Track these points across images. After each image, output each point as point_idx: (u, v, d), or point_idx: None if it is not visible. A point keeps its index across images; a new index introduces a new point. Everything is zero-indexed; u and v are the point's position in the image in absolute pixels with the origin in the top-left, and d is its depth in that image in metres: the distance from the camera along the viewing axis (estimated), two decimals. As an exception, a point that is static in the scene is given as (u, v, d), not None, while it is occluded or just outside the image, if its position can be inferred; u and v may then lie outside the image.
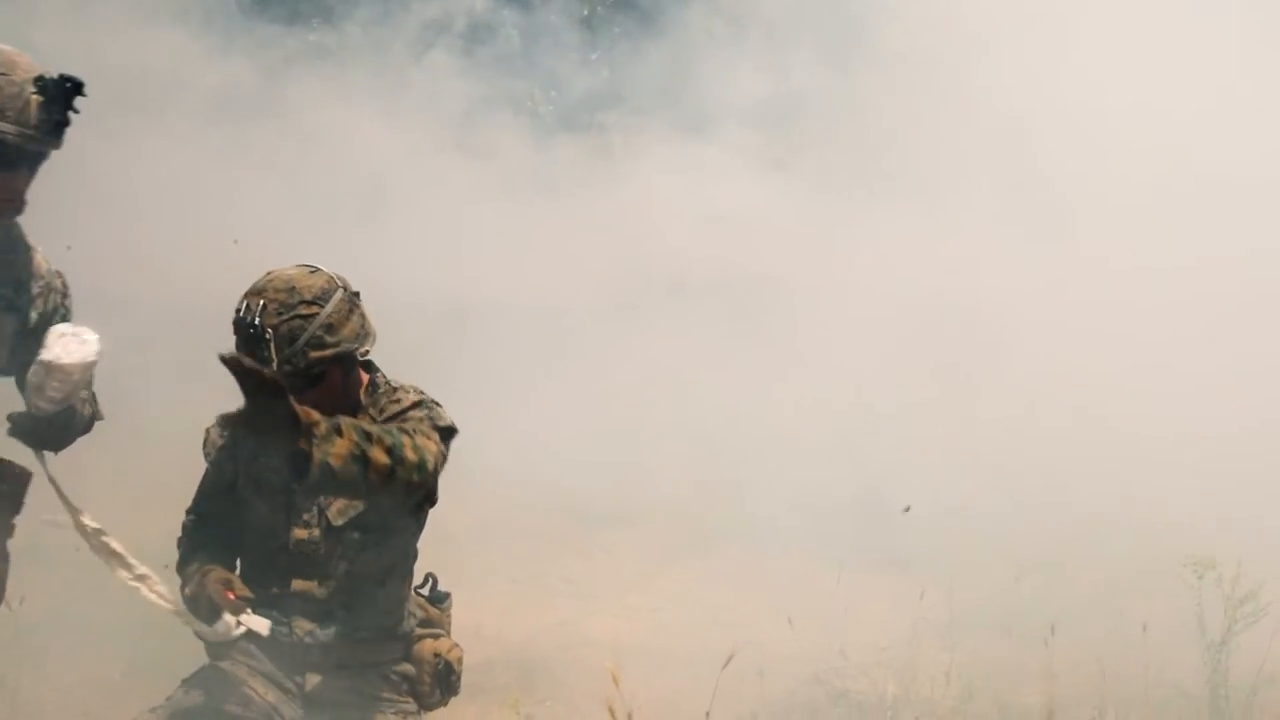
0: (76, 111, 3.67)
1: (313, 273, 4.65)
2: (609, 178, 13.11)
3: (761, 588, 7.60)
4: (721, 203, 12.72)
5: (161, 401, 7.56)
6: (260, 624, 4.28)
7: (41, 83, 3.65)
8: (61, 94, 3.66)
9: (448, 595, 4.96)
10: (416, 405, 4.83)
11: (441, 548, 5.86)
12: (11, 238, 3.90)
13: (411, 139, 12.91)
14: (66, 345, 3.92)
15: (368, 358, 4.64)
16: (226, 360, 3.47)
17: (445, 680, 4.79)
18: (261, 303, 4.65)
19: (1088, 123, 11.37)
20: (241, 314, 4.66)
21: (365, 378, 4.64)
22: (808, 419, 9.16)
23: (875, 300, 10.35)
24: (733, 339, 10.31)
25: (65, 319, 4.01)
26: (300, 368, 4.62)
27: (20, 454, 4.04)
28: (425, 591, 4.93)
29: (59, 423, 4.05)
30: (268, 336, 4.58)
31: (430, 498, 4.26)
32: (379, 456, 3.85)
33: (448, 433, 4.50)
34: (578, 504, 8.47)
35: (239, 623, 4.24)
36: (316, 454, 3.61)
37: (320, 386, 4.64)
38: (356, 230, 11.67)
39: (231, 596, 4.30)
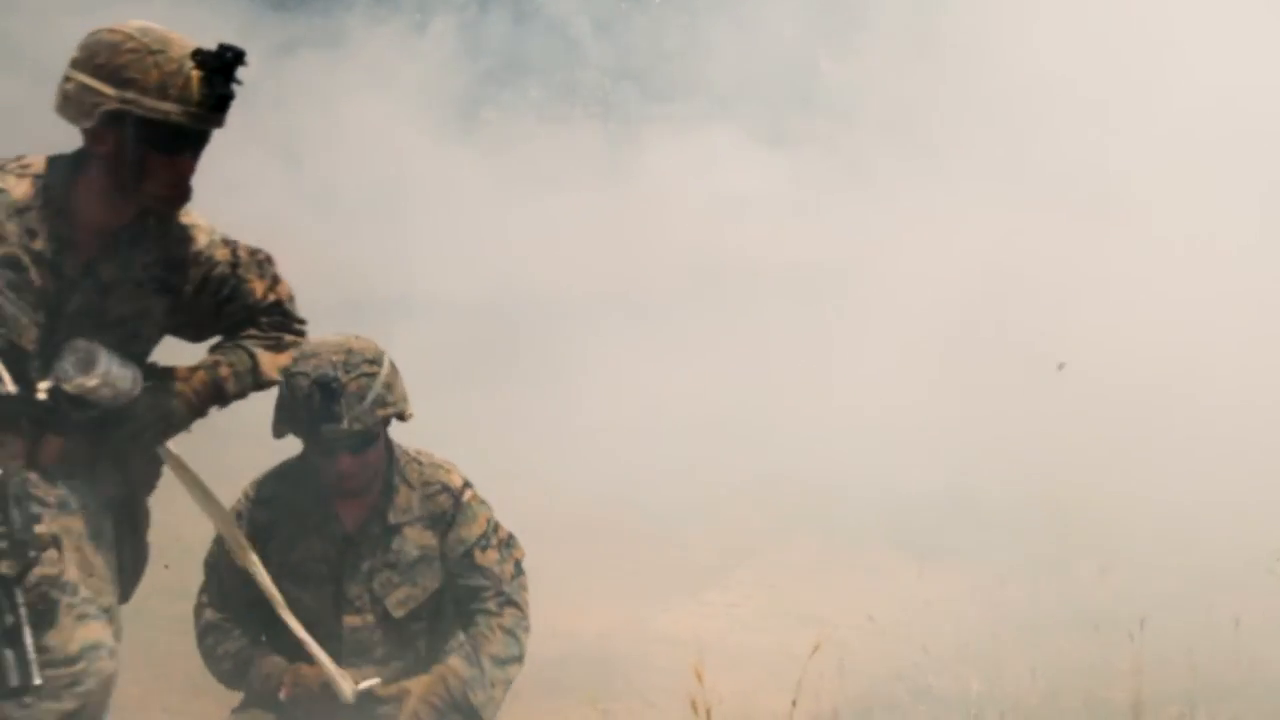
0: (240, 83, 3.50)
1: (356, 338, 4.80)
2: (629, 167, 13.09)
3: (841, 583, 7.55)
4: (750, 188, 12.71)
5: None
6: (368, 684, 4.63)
7: (200, 56, 3.47)
8: (223, 66, 3.47)
9: None
10: (495, 540, 4.97)
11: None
12: (165, 219, 3.76)
13: (420, 129, 12.93)
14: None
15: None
16: None
17: None
18: (332, 360, 4.72)
19: (1132, 96, 11.20)
20: (311, 374, 4.71)
21: None
22: (887, 410, 9.09)
23: (941, 283, 10.26)
24: (801, 328, 10.27)
25: (235, 291, 3.90)
26: (368, 425, 4.71)
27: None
28: None
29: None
30: (343, 393, 4.69)
31: None
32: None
33: (519, 566, 4.98)
34: (653, 500, 8.43)
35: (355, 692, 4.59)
36: None
37: (374, 447, 4.76)
38: (370, 226, 11.73)
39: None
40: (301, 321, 4.08)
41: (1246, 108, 10.61)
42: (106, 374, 3.61)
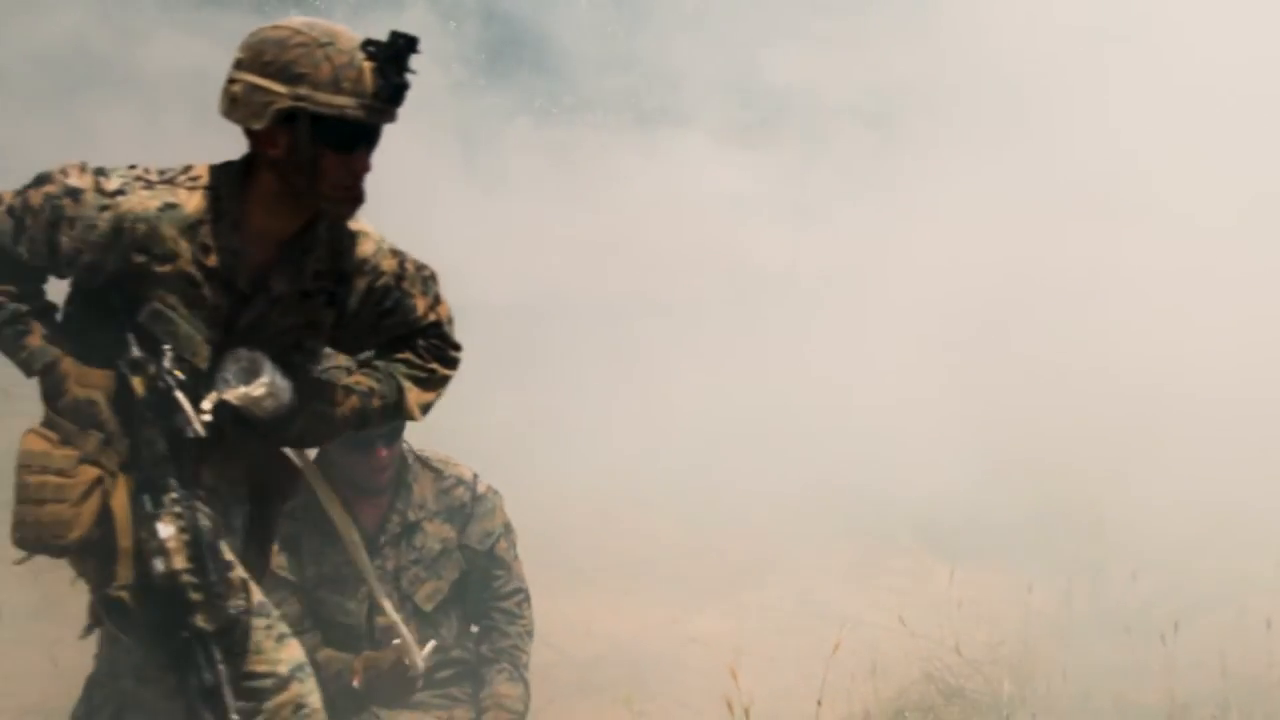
0: (414, 73, 3.33)
1: None
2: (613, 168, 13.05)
3: (874, 585, 7.57)
4: (741, 188, 12.67)
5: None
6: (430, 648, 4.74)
7: (371, 46, 3.31)
8: (396, 55, 3.30)
9: None
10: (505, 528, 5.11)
11: (551, 546, 5.92)
12: (336, 226, 3.63)
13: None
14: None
15: None
16: None
17: None
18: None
19: (1133, 88, 11.13)
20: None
21: None
22: (918, 414, 9.10)
23: (961, 283, 10.24)
24: (824, 330, 10.27)
25: (397, 305, 3.74)
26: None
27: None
28: None
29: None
30: None
31: None
32: None
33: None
34: (688, 503, 8.47)
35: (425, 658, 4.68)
36: None
37: (400, 439, 4.90)
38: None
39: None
40: (457, 348, 3.90)
41: (1251, 94, 10.56)
42: (271, 383, 3.51)
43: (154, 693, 3.49)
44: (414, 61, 3.31)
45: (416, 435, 4.85)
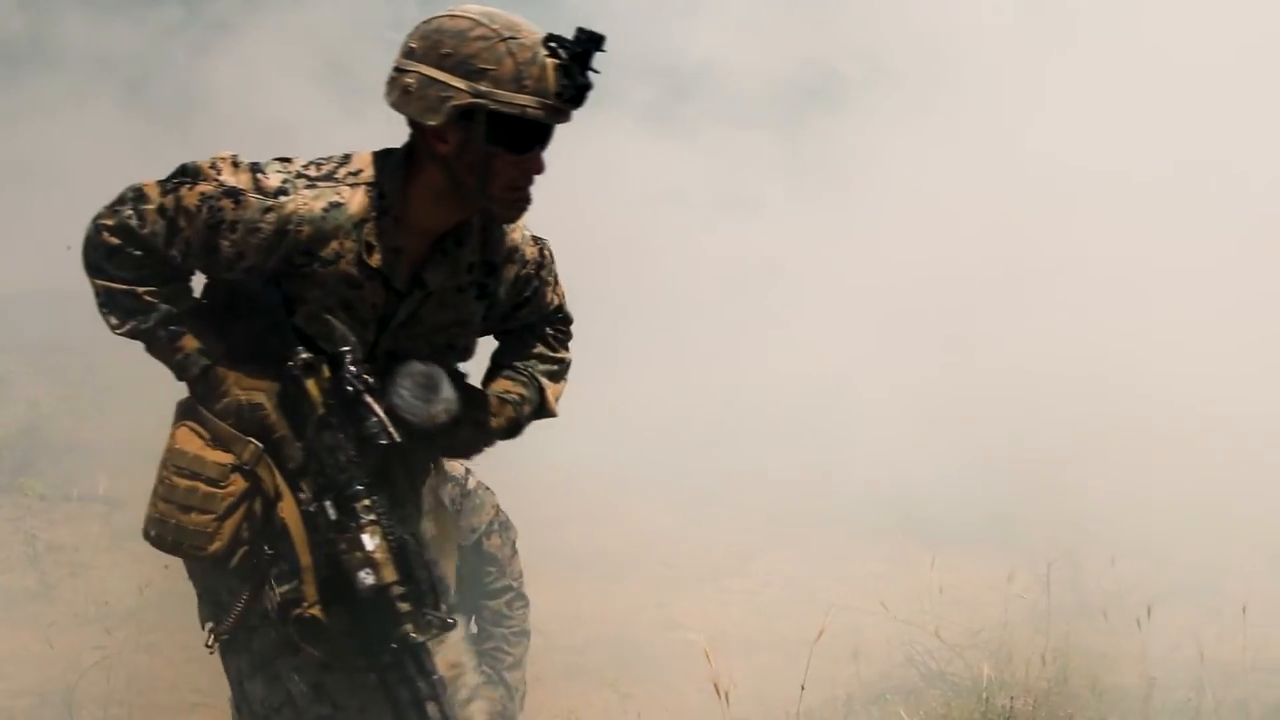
0: (597, 72, 3.09)
1: None
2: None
3: (856, 570, 7.64)
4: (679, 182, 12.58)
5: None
6: None
7: (555, 42, 3.07)
8: (581, 53, 3.06)
9: None
10: (497, 524, 5.17)
11: (539, 534, 5.98)
12: (487, 215, 3.38)
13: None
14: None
15: None
16: None
17: None
18: None
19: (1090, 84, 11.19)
20: None
21: None
22: (901, 402, 9.17)
23: (937, 274, 10.29)
24: (800, 321, 10.30)
25: (535, 294, 3.54)
26: None
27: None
28: None
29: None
30: None
31: None
32: None
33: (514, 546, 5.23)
34: (674, 491, 8.53)
35: None
36: None
37: None
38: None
39: None
40: (570, 323, 3.71)
41: (1216, 84, 10.64)
42: (449, 400, 3.34)
43: (340, 683, 3.29)
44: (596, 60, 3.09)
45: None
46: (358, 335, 3.22)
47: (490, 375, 3.63)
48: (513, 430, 3.56)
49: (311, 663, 3.24)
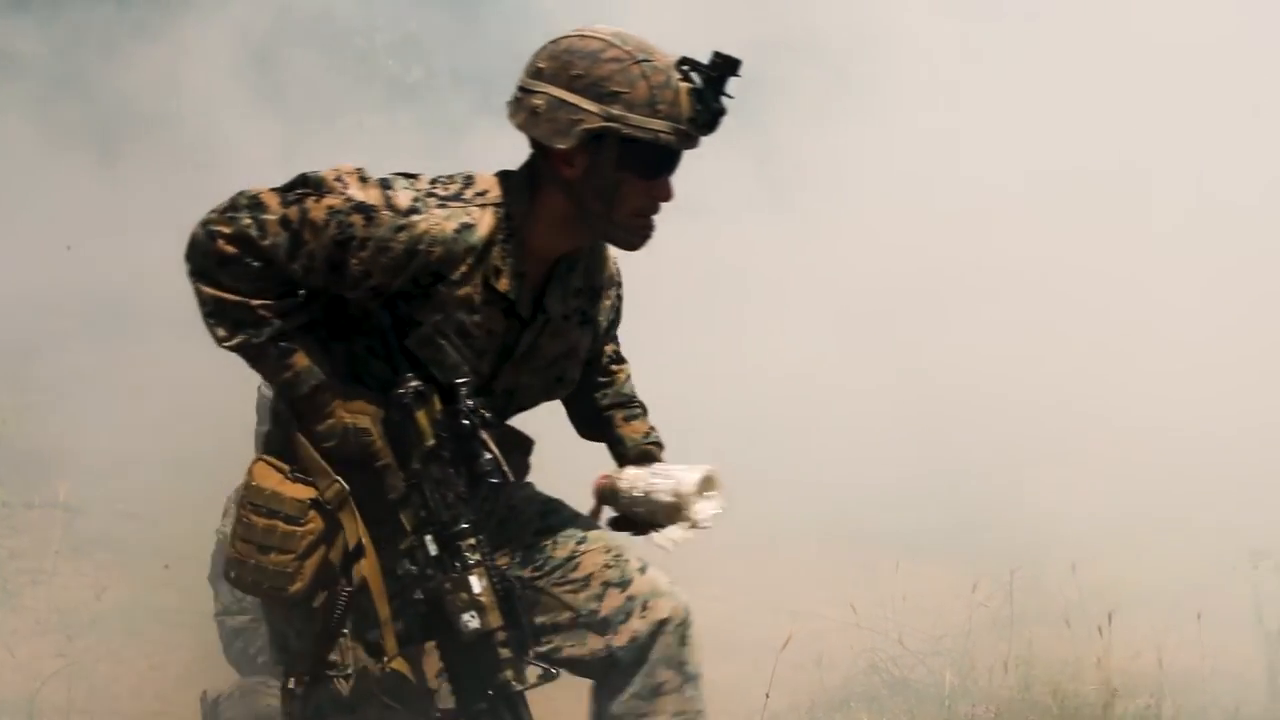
0: (731, 97, 3.02)
1: None
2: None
3: (821, 577, 7.66)
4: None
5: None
6: None
7: (689, 65, 3.02)
8: (716, 77, 2.99)
9: None
10: None
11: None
12: (595, 244, 3.32)
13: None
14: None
15: None
16: None
17: None
18: None
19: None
20: None
21: None
22: (867, 408, 9.20)
23: (898, 280, 10.33)
24: (762, 325, 10.32)
25: (614, 321, 3.49)
26: None
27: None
28: None
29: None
30: None
31: None
32: None
33: None
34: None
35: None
36: None
37: None
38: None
39: None
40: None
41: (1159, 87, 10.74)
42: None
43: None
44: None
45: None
46: (471, 365, 3.11)
47: (607, 414, 3.57)
48: None
49: None
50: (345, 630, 3.10)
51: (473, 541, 3.04)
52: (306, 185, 3.05)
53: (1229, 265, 10.16)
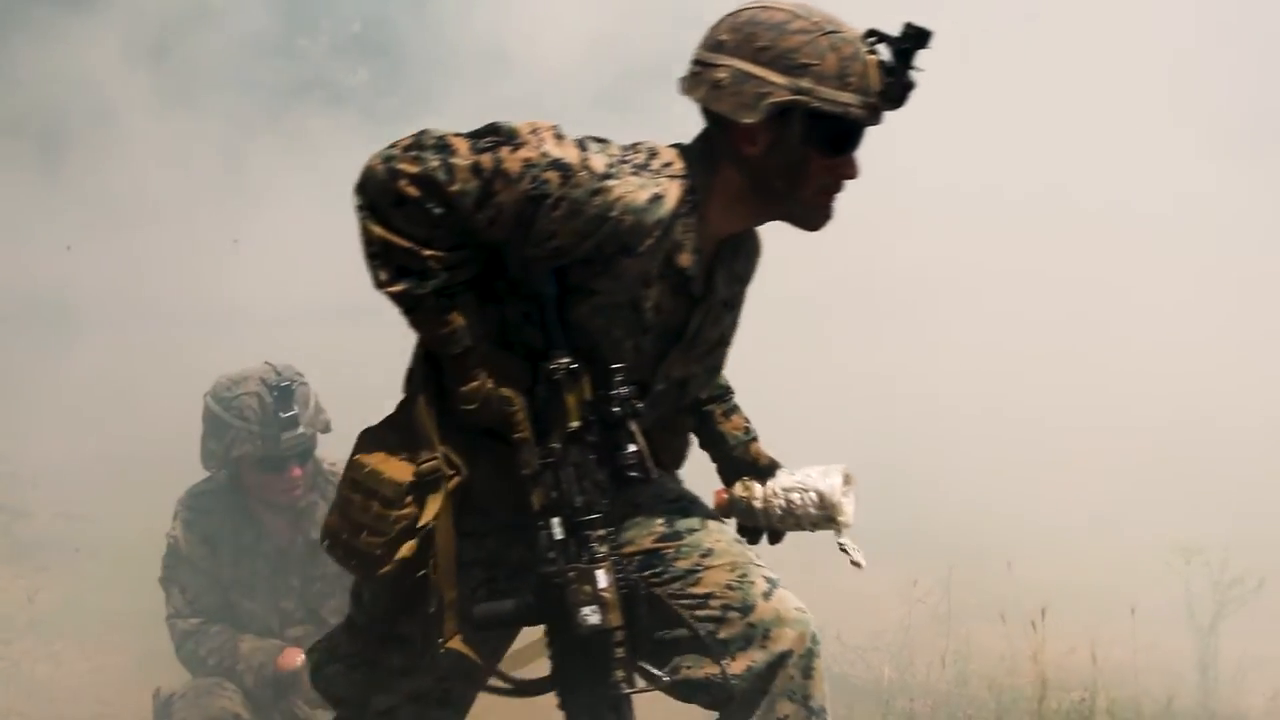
0: (920, 70, 2.86)
1: (264, 363, 4.92)
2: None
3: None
4: None
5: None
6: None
7: (878, 37, 2.87)
8: (907, 50, 2.84)
9: None
10: None
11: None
12: (748, 232, 3.17)
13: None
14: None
15: None
16: None
17: None
18: (266, 377, 4.87)
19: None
20: (260, 390, 4.83)
21: None
22: (808, 404, 9.25)
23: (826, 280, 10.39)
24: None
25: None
26: (317, 430, 4.96)
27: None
28: None
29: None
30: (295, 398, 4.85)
31: None
32: None
33: None
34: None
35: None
36: None
37: (313, 458, 4.99)
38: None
39: None
40: None
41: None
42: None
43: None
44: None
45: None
46: (636, 342, 2.95)
47: (706, 408, 3.39)
48: None
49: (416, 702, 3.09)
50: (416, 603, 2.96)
51: (603, 533, 2.86)
52: (499, 134, 2.87)
53: (1163, 266, 10.29)
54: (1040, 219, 10.88)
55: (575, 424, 2.86)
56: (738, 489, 3.30)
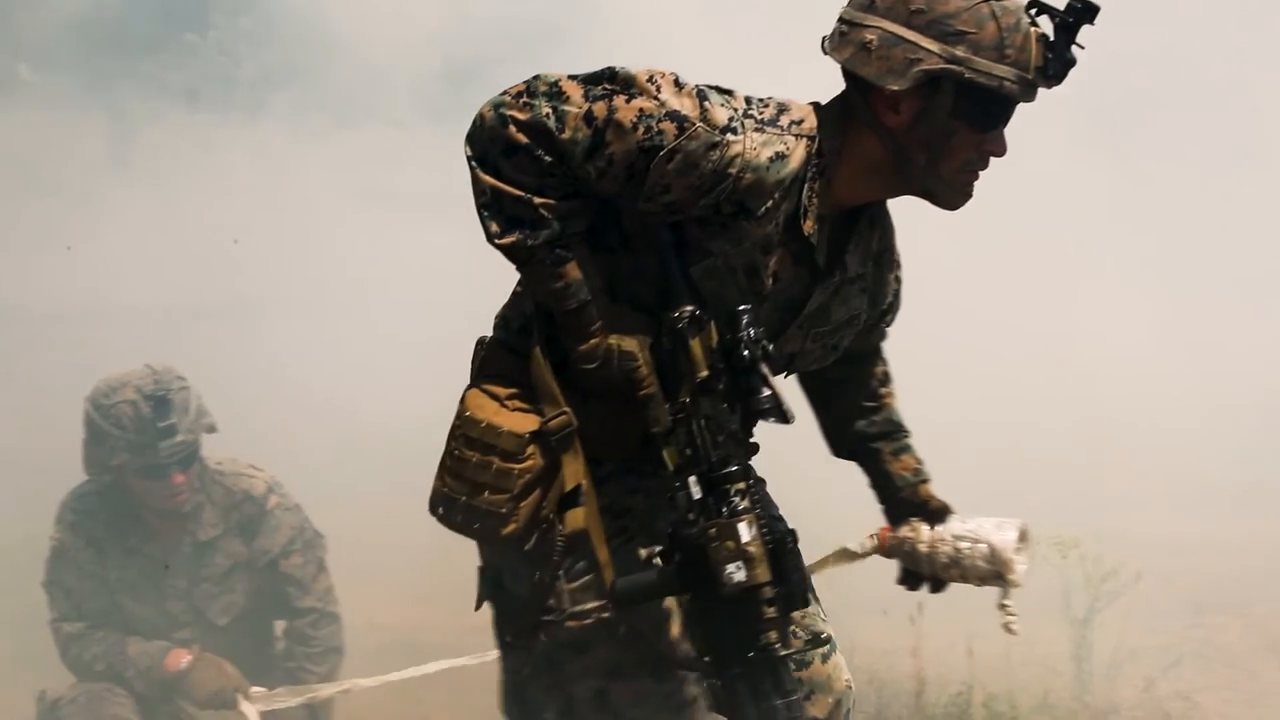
0: (1082, 47, 2.74)
1: (145, 365, 4.99)
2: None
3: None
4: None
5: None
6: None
7: (1040, 9, 2.76)
8: (1071, 24, 2.70)
9: None
10: (300, 543, 5.25)
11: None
12: (883, 208, 3.04)
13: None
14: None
15: None
16: None
17: None
18: (143, 384, 4.93)
19: None
20: (137, 397, 4.89)
21: None
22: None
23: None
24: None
25: (892, 309, 3.22)
26: (198, 435, 4.91)
27: None
28: None
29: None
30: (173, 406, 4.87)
31: None
32: None
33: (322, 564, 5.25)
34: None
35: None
36: None
37: (197, 462, 5.02)
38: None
39: None
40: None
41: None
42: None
43: (625, 692, 2.93)
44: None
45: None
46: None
47: (874, 445, 3.34)
48: None
49: (599, 666, 2.91)
50: (560, 573, 2.86)
51: (743, 486, 2.76)
52: (615, 81, 2.77)
53: (1040, 257, 10.43)
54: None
55: (704, 373, 2.76)
56: (904, 530, 3.31)
